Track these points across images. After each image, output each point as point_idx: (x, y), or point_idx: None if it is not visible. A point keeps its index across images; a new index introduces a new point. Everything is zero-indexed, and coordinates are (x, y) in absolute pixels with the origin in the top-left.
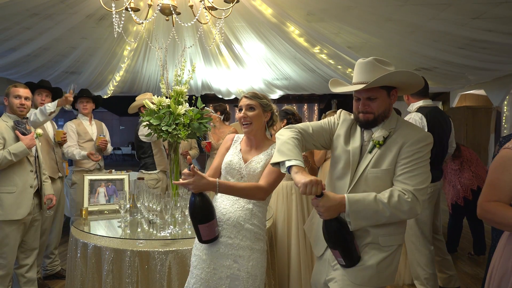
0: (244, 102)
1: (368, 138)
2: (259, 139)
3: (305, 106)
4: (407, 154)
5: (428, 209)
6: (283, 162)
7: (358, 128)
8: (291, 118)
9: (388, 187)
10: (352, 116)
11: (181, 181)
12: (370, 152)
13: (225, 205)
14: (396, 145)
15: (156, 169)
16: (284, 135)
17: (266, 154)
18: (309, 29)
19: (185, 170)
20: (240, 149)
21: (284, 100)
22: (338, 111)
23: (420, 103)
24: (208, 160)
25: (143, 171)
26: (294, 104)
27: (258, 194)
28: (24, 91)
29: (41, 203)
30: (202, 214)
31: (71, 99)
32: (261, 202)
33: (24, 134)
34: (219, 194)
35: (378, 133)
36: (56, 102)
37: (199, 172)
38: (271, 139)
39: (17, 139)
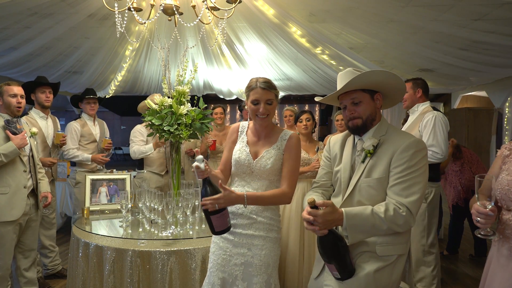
0: (262, 95)
1: (360, 147)
2: (269, 129)
3: (306, 107)
4: (398, 162)
5: (436, 209)
6: None
7: (350, 142)
8: None
9: (381, 197)
10: (342, 134)
11: (212, 197)
12: (363, 162)
13: None
14: (387, 154)
15: (143, 169)
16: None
17: (276, 148)
18: (311, 29)
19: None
20: (247, 141)
21: (286, 100)
22: (327, 141)
23: (428, 103)
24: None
25: (137, 169)
26: (295, 104)
27: (284, 199)
28: (18, 89)
29: (37, 203)
30: None
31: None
32: None
33: (14, 133)
34: (232, 187)
35: (368, 142)
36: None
37: (227, 187)
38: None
39: (8, 139)
